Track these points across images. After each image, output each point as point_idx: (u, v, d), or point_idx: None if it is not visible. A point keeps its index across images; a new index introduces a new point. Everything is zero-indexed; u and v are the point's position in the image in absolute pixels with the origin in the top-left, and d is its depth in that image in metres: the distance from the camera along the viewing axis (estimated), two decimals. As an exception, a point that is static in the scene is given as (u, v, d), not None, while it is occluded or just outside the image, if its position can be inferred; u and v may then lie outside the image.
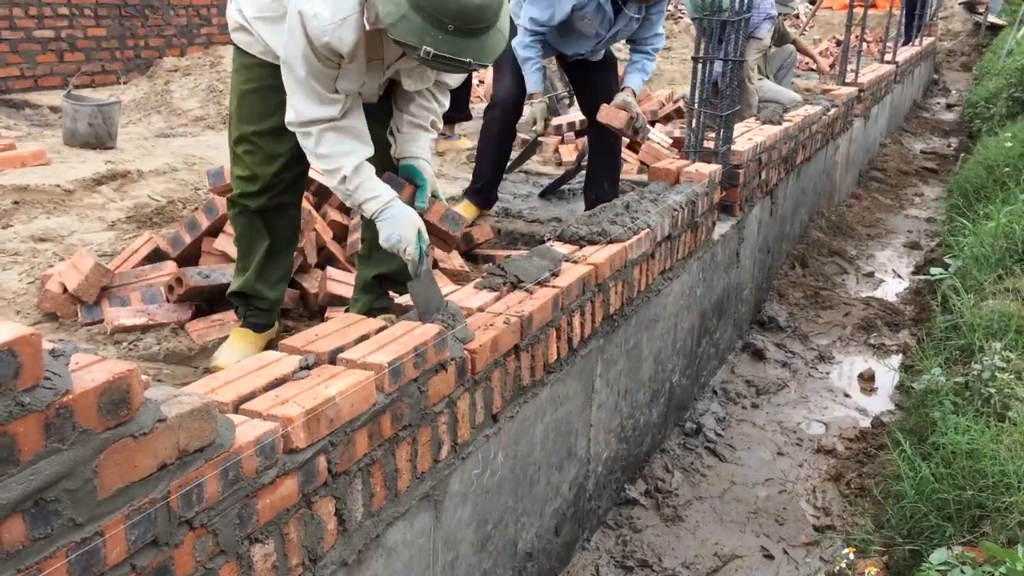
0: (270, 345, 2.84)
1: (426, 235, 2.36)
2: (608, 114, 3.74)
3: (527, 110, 4.29)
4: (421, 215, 2.46)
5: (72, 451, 1.15)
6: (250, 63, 2.63)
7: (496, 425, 2.25)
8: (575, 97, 4.99)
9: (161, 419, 1.27)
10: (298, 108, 2.35)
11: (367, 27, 2.21)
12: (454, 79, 2.68)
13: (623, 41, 4.42)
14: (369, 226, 2.85)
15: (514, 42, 4.08)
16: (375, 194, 2.36)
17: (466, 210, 4.36)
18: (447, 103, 2.72)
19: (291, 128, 2.40)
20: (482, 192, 4.44)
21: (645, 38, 4.25)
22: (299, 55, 2.26)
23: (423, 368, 1.88)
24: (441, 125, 2.78)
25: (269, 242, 2.83)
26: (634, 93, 4.23)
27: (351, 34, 2.22)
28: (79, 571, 1.18)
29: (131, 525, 1.25)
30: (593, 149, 4.49)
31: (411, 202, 2.48)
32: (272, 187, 2.76)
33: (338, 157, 2.36)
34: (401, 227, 2.33)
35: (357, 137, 2.41)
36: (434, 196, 2.58)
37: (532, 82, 4.22)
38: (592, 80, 4.37)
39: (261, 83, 2.61)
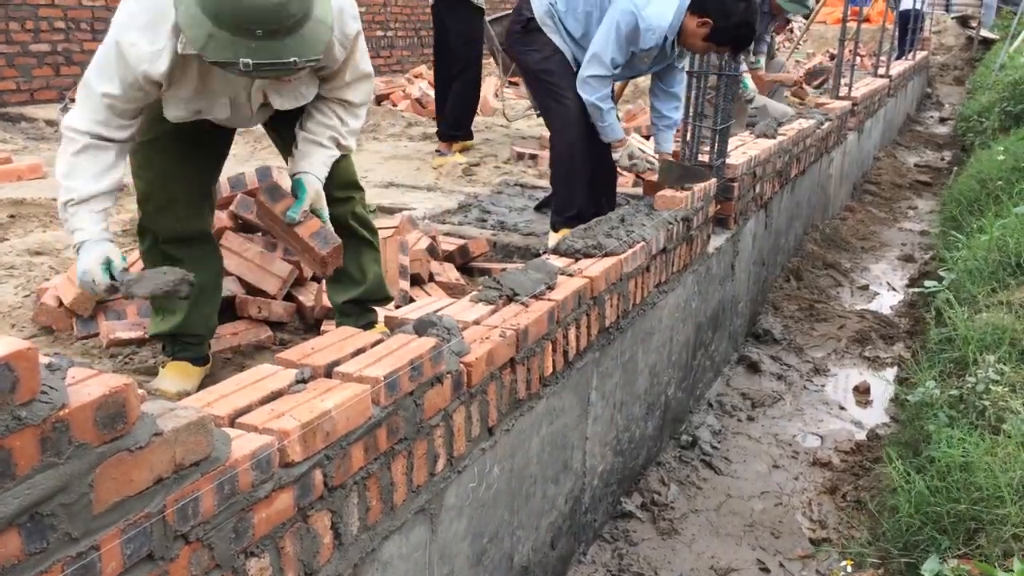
0: (205, 381, 2.71)
1: (118, 262, 2.38)
2: (666, 202, 3.53)
3: (621, 157, 4.04)
4: (292, 226, 2.48)
5: (68, 465, 1.15)
6: None
7: (492, 438, 2.25)
8: None
9: (157, 433, 1.27)
10: (82, 117, 2.33)
11: (180, 52, 2.21)
12: (358, 95, 2.63)
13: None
14: None
15: (589, 96, 3.87)
16: (82, 227, 2.36)
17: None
18: (355, 124, 2.67)
19: (65, 131, 2.36)
20: (581, 218, 3.96)
21: (672, 72, 4.15)
22: (105, 79, 2.27)
23: (419, 381, 1.88)
24: (350, 143, 2.69)
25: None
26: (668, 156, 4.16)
27: (166, 63, 2.22)
28: (75, 586, 1.18)
29: (127, 539, 1.24)
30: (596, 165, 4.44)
31: (284, 213, 2.50)
32: (167, 207, 2.62)
33: (82, 178, 2.34)
34: (85, 261, 2.34)
35: (109, 171, 2.38)
36: (313, 212, 2.55)
37: (615, 131, 3.99)
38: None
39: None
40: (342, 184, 2.76)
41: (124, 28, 2.20)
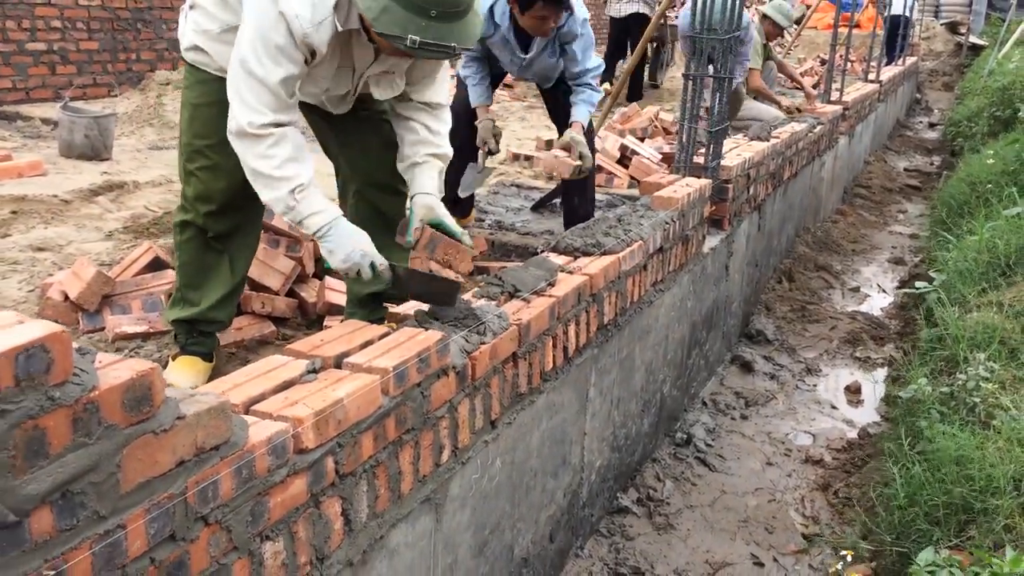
0: (211, 376, 2.74)
1: (377, 259, 2.35)
2: (549, 165, 3.59)
3: (479, 126, 4.27)
4: (438, 228, 2.52)
5: (97, 445, 1.19)
6: (205, 79, 2.60)
7: (494, 431, 2.30)
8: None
9: (180, 416, 1.31)
10: (255, 110, 2.25)
11: (339, 28, 2.26)
12: (444, 95, 2.67)
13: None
14: None
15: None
16: (321, 208, 2.28)
17: None
18: (443, 128, 2.67)
19: (249, 130, 2.25)
20: (455, 202, 4.43)
21: (576, 73, 4.25)
22: (272, 62, 2.23)
23: (426, 373, 1.93)
24: (447, 149, 2.68)
25: (231, 273, 2.71)
26: (582, 127, 4.35)
27: (327, 35, 2.26)
28: (102, 563, 1.21)
29: (151, 519, 1.28)
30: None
31: (402, 233, 2.53)
32: (230, 205, 2.65)
33: (293, 164, 2.27)
34: (357, 242, 2.29)
35: (307, 154, 2.35)
36: (432, 225, 2.57)
37: (474, 96, 4.29)
38: (553, 98, 4.53)
39: (217, 96, 2.53)
40: (400, 178, 2.75)
41: (285, 2, 2.19)
